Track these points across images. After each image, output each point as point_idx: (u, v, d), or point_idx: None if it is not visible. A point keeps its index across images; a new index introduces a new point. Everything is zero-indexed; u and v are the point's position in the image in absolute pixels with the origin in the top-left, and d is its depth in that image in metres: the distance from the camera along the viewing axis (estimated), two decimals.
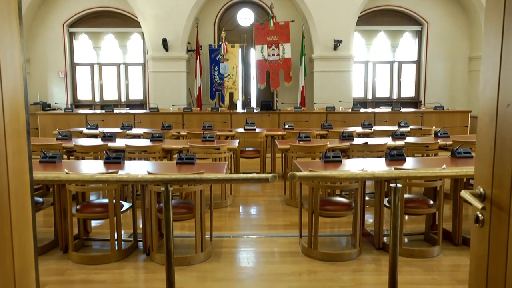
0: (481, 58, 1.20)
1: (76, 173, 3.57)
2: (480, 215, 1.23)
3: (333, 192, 4.54)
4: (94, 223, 4.43)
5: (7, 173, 1.11)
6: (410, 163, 4.15)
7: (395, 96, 11.58)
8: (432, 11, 11.00)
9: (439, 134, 6.06)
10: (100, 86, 11.51)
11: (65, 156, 5.49)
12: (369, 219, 4.43)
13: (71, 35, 11.27)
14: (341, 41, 10.22)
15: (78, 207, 3.66)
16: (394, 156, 4.22)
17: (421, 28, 11.27)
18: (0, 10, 1.06)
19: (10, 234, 1.12)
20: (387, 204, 3.71)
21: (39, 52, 10.98)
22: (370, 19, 11.13)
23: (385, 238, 3.81)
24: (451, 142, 5.38)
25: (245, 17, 11.17)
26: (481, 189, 1.22)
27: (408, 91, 11.61)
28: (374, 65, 11.50)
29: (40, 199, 3.93)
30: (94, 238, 4.10)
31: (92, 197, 5.39)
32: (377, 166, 4.03)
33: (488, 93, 1.16)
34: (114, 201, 3.55)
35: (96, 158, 5.23)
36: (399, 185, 2.41)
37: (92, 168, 4.07)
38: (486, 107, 1.18)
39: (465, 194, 1.27)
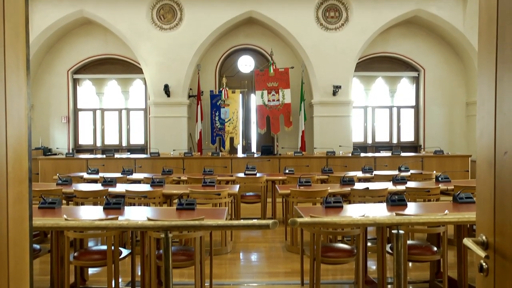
0: (476, 106, 1.22)
1: (75, 219, 3.54)
2: (484, 264, 1.21)
3: (335, 238, 4.47)
4: (91, 270, 4.34)
5: (7, 221, 1.11)
6: (411, 208, 4.12)
7: (394, 141, 11.66)
8: (427, 58, 11.29)
9: (440, 178, 6.06)
10: (102, 131, 11.62)
11: (64, 202, 5.46)
12: (372, 265, 4.34)
13: (75, 81, 11.51)
14: (340, 87, 10.41)
15: (75, 254, 3.60)
16: (395, 201, 4.20)
17: (418, 74, 11.52)
18: (9, 61, 1.10)
19: (7, 284, 1.11)
20: (390, 251, 3.65)
21: (43, 98, 11.17)
22: (368, 65, 11.40)
23: (389, 286, 3.72)
24: (453, 187, 5.37)
25: (246, 63, 11.45)
26: (484, 237, 1.21)
27: (407, 136, 11.70)
28: (373, 110, 11.66)
29: (38, 246, 3.87)
30: (91, 287, 4.00)
31: (90, 243, 5.31)
32: (379, 211, 4.00)
33: (485, 141, 1.18)
34: (112, 248, 3.50)
35: (96, 204, 5.20)
36: (401, 232, 2.38)
37: (91, 213, 4.04)
38: (484, 154, 1.20)
39: (467, 242, 1.26)
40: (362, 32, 10.47)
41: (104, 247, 3.59)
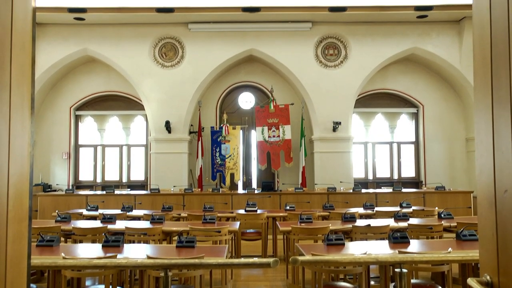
0: (475, 144, 1.23)
1: (73, 257, 3.49)
2: None
3: (337, 277, 4.39)
4: None
5: (5, 261, 1.10)
6: (414, 246, 4.06)
7: (395, 176, 11.63)
8: (426, 95, 11.43)
9: (442, 215, 6.00)
10: (102, 167, 11.62)
11: (63, 239, 5.39)
12: None
13: (77, 118, 11.61)
14: (340, 123, 10.49)
15: None
16: (398, 238, 4.15)
17: (417, 110, 11.63)
18: (14, 100, 1.12)
19: None
20: None
21: (45, 134, 11.23)
22: (368, 101, 11.53)
23: None
24: (455, 224, 5.32)
25: (246, 100, 11.58)
26: (488, 277, 1.20)
27: (408, 171, 11.68)
28: (373, 146, 11.69)
29: (34, 286, 3.80)
30: None
31: (88, 282, 5.21)
32: (381, 249, 3.94)
33: (485, 178, 1.18)
34: (110, 287, 3.43)
35: (94, 241, 5.14)
36: (404, 270, 2.34)
37: (90, 251, 3.98)
38: (484, 192, 1.20)
39: (472, 282, 1.24)
40: (361, 69, 10.65)
41: (102, 287, 3.52)
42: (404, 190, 9.44)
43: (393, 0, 9.61)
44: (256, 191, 9.22)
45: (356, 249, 3.95)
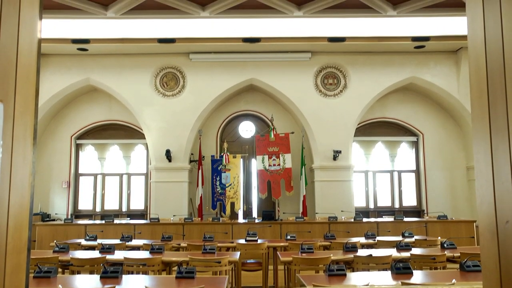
0: (475, 174, 1.23)
1: None
2: None
3: None
4: None
5: None
6: (418, 276, 4.00)
7: (397, 205, 11.55)
8: (425, 123, 11.48)
9: (445, 245, 5.93)
10: (102, 196, 11.57)
11: (60, 270, 5.32)
12: None
13: (78, 147, 11.64)
14: (340, 152, 10.50)
15: None
16: (400, 269, 4.09)
17: (417, 139, 11.66)
18: (17, 131, 1.13)
19: None
20: None
21: (45, 163, 11.23)
22: (368, 130, 11.58)
23: None
24: (459, 254, 5.24)
25: (247, 129, 11.64)
26: None
27: (409, 200, 11.61)
28: (374, 175, 11.67)
29: None
30: None
31: None
32: (383, 280, 3.88)
33: (486, 209, 1.18)
34: None
35: (92, 272, 5.06)
36: None
37: (87, 283, 3.92)
38: (486, 223, 1.19)
39: None
40: (360, 98, 10.75)
41: None
42: (406, 219, 9.36)
43: (391, 31, 9.79)
44: (256, 221, 9.15)
45: (358, 280, 3.88)
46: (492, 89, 1.09)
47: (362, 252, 5.40)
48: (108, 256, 5.33)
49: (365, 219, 9.26)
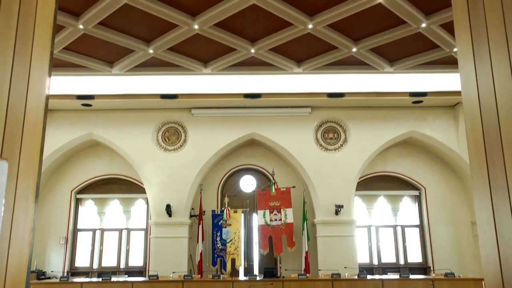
0: (478, 233, 1.22)
1: None
2: None
3: None
4: None
5: None
6: None
7: (402, 262, 11.26)
8: (427, 177, 11.45)
9: None
10: (100, 252, 11.33)
11: None
12: None
13: (78, 201, 11.56)
14: (342, 206, 10.40)
15: None
16: None
17: (419, 193, 11.59)
18: (20, 189, 1.13)
19: None
20: None
21: (44, 219, 11.11)
22: (369, 184, 11.53)
23: None
24: None
25: (248, 183, 11.61)
26: None
27: (415, 256, 11.33)
28: (377, 230, 11.48)
29: None
30: None
31: None
32: None
33: (491, 268, 1.16)
34: None
35: None
36: None
37: None
38: (492, 282, 1.16)
39: None
40: (361, 152, 10.81)
41: None
42: (412, 276, 9.10)
43: (389, 86, 10.02)
44: (258, 278, 8.90)
45: None
46: (489, 148, 1.10)
47: None
48: None
49: (369, 276, 9.01)
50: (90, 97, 9.98)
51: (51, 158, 10.78)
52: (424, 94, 10.02)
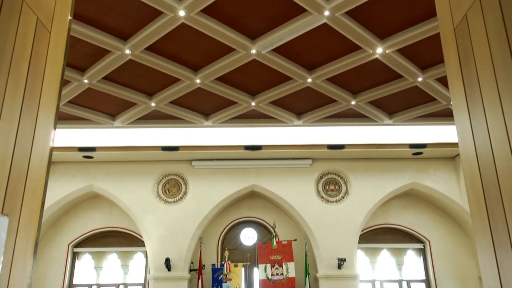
0: None
1: None
2: None
3: None
4: None
5: None
6: None
7: None
8: (430, 230, 11.28)
9: None
10: None
11: None
12: None
13: (75, 255, 11.32)
14: (344, 260, 10.17)
15: None
16: None
17: (423, 246, 11.36)
18: (19, 245, 1.12)
19: None
20: None
21: (39, 273, 10.82)
22: (372, 237, 11.34)
23: None
24: None
25: (248, 236, 11.42)
26: None
27: None
28: (381, 284, 11.14)
29: None
30: None
31: None
32: None
33: None
34: None
35: None
36: None
37: None
38: None
39: None
40: (363, 204, 10.71)
41: None
42: None
43: (389, 138, 10.11)
44: None
45: None
46: (490, 203, 1.10)
47: None
48: None
49: None
50: (92, 149, 10.05)
51: (50, 211, 10.68)
52: (423, 145, 10.09)
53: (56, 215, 11.13)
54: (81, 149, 10.03)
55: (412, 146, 10.10)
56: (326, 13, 5.82)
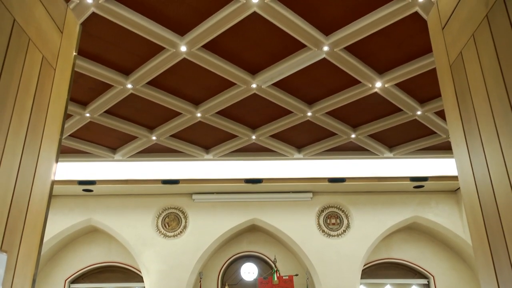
0: None
1: None
2: None
3: None
4: None
5: None
6: None
7: None
8: (434, 265, 11.09)
9: None
10: None
11: None
12: None
13: None
14: None
15: None
16: None
17: (428, 282, 11.14)
18: (16, 284, 1.11)
19: None
20: None
21: None
22: (374, 272, 11.14)
23: None
24: None
25: (249, 271, 11.23)
26: None
27: None
28: None
29: None
30: None
31: None
32: None
33: None
34: None
35: None
36: None
37: None
38: None
39: None
40: (364, 238, 10.58)
41: None
42: None
43: (390, 171, 10.09)
44: None
45: None
46: (492, 239, 1.09)
47: None
48: None
49: None
50: (92, 182, 10.02)
51: (48, 245, 10.54)
52: (425, 178, 10.06)
53: (54, 250, 10.98)
54: (81, 182, 10.00)
55: (413, 179, 10.07)
56: (325, 48, 5.93)
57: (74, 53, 1.81)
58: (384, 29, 5.61)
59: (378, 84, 6.81)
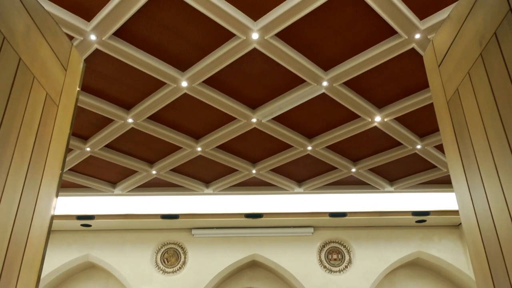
0: None
1: None
2: None
3: None
4: None
5: None
6: None
7: None
8: None
9: None
10: None
11: None
12: None
13: None
14: None
15: None
16: None
17: None
18: None
19: None
20: None
21: None
22: None
23: None
24: None
25: None
26: None
27: None
28: None
29: None
30: None
31: None
32: None
33: None
34: None
35: None
36: None
37: None
38: None
39: None
40: (367, 274, 10.38)
41: None
42: None
43: (391, 205, 10.01)
44: None
45: None
46: (495, 274, 1.08)
47: None
48: None
49: None
50: (91, 217, 9.93)
51: (44, 282, 10.32)
52: (427, 213, 9.97)
53: (50, 287, 10.75)
54: (80, 217, 9.91)
55: (415, 213, 9.98)
56: (325, 83, 6.01)
57: (78, 89, 1.84)
58: (382, 64, 5.70)
59: (378, 119, 6.87)
